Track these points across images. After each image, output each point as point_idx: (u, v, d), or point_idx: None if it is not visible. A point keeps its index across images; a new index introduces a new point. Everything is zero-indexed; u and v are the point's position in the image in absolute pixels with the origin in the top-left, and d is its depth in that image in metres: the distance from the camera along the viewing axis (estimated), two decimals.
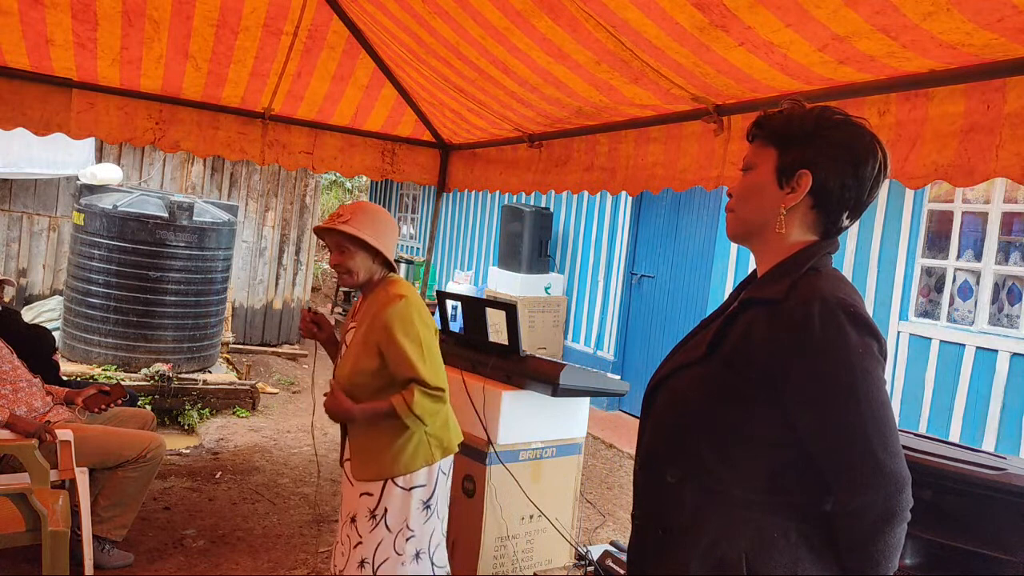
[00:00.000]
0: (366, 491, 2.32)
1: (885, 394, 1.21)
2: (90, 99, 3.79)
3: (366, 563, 2.29)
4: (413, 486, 2.32)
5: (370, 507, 2.30)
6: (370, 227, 2.30)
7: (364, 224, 2.30)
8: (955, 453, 2.23)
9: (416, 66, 3.75)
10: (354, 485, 2.35)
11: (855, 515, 1.20)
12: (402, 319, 2.24)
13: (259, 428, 5.70)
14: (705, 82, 2.55)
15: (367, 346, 2.28)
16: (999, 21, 1.70)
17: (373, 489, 2.31)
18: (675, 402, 1.38)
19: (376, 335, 2.25)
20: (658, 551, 1.36)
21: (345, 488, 2.41)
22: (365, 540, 2.30)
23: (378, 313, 2.26)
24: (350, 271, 2.32)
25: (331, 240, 2.33)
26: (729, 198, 1.42)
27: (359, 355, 2.29)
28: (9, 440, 2.94)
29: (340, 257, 2.31)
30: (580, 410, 3.41)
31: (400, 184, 12.39)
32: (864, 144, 1.29)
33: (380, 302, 2.30)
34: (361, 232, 2.27)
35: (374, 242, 2.29)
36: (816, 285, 1.25)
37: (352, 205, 2.37)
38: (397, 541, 2.30)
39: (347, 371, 2.31)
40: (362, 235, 2.27)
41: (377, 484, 2.30)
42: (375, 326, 2.26)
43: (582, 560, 3.34)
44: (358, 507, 2.32)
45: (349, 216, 2.30)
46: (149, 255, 5.94)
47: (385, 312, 2.25)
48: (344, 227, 2.27)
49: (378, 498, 2.30)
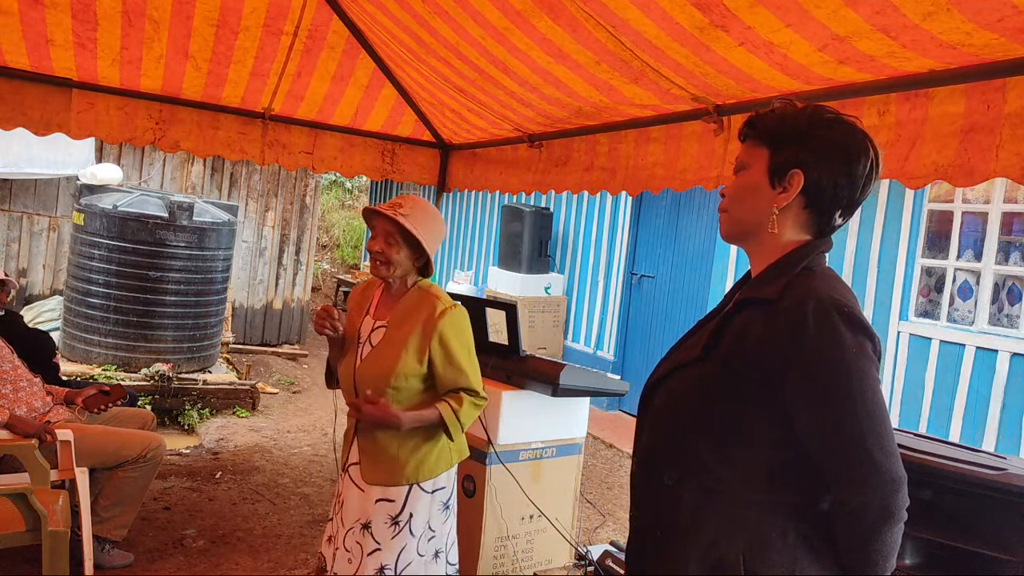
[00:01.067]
0: (385, 497, 2.23)
1: (880, 394, 1.21)
2: (90, 99, 3.79)
3: (387, 568, 2.21)
4: (436, 489, 2.29)
5: (391, 513, 2.22)
6: (425, 227, 2.23)
7: (421, 222, 2.22)
8: (955, 453, 2.23)
9: (416, 66, 3.75)
10: (365, 491, 2.24)
11: (852, 515, 1.20)
12: (459, 328, 2.24)
13: (259, 428, 5.70)
14: (705, 82, 2.55)
15: (414, 349, 2.20)
16: (999, 21, 1.70)
17: (395, 495, 2.23)
18: (672, 403, 1.38)
19: (429, 340, 2.19)
20: (656, 551, 1.36)
21: (351, 493, 2.29)
22: (385, 547, 2.21)
23: (431, 318, 2.20)
24: (390, 262, 2.23)
25: (381, 227, 2.24)
26: (723, 198, 1.42)
27: (401, 357, 2.19)
28: (9, 440, 2.94)
29: (385, 247, 2.22)
30: (580, 410, 3.41)
31: (400, 184, 12.38)
32: (856, 143, 1.29)
33: (427, 306, 2.23)
34: (416, 229, 2.20)
35: (427, 244, 2.22)
36: (810, 285, 1.25)
37: (412, 198, 2.28)
38: (420, 544, 2.26)
39: (384, 371, 2.20)
40: (417, 233, 2.19)
41: (399, 490, 2.22)
42: (427, 331, 2.19)
43: (582, 560, 3.34)
44: (373, 513, 2.23)
45: (409, 209, 2.22)
46: (149, 255, 5.94)
47: (442, 319, 2.20)
48: (402, 219, 2.19)
49: (402, 504, 2.23)
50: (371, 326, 2.32)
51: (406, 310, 2.26)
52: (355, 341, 2.33)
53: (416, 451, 2.23)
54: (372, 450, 2.26)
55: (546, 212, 7.84)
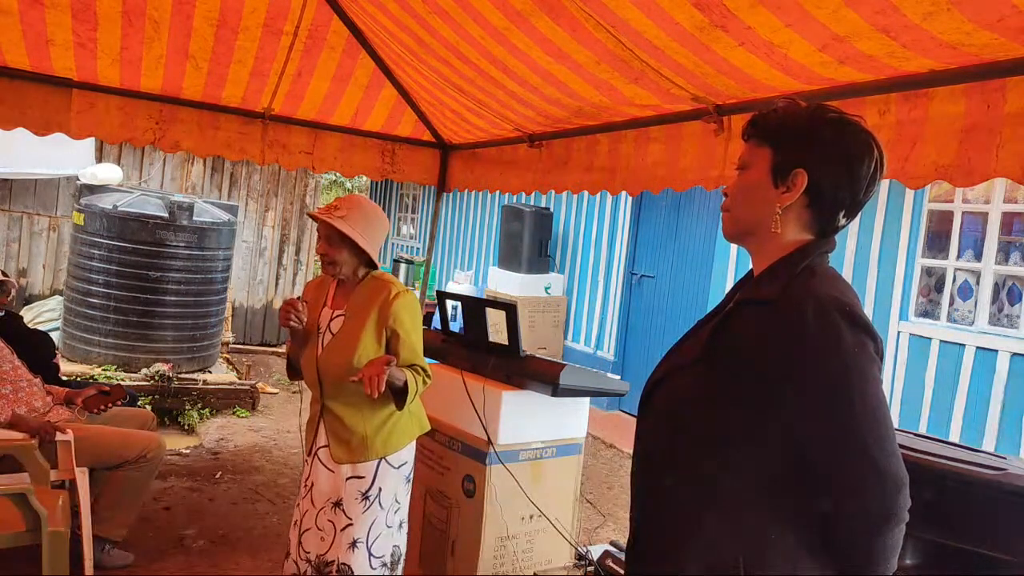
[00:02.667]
0: (355, 474, 2.39)
1: (881, 394, 1.21)
2: (90, 99, 3.79)
3: (359, 542, 2.38)
4: (401, 463, 2.46)
5: (361, 489, 2.39)
6: (362, 225, 2.37)
7: (357, 221, 2.36)
8: (955, 453, 2.23)
9: (416, 66, 3.75)
10: (335, 470, 2.40)
11: (852, 516, 1.19)
12: (412, 310, 2.42)
13: (259, 428, 5.70)
14: (705, 82, 2.55)
15: (372, 331, 2.37)
16: (999, 21, 1.70)
17: (364, 471, 2.39)
18: (671, 404, 1.37)
19: (385, 324, 2.37)
20: (656, 553, 1.35)
21: (320, 474, 2.43)
22: (357, 521, 2.38)
23: (385, 304, 2.37)
24: (335, 263, 2.39)
25: (322, 230, 2.40)
26: (725, 197, 1.42)
27: (361, 342, 2.36)
28: (9, 440, 2.94)
29: (328, 248, 2.39)
30: (580, 410, 3.41)
31: (400, 184, 12.39)
32: (860, 142, 1.29)
33: (381, 293, 2.39)
34: (352, 230, 2.34)
35: (363, 243, 2.36)
36: (811, 285, 1.24)
37: (348, 199, 2.42)
38: (388, 516, 2.45)
39: (347, 356, 2.35)
40: (352, 234, 2.34)
41: (368, 466, 2.39)
42: (383, 316, 2.36)
43: (582, 560, 3.34)
44: (344, 491, 2.39)
45: (345, 211, 2.36)
46: (149, 255, 5.94)
47: (395, 304, 2.37)
48: (337, 222, 2.33)
49: (371, 480, 2.39)
50: (330, 316, 2.47)
51: (362, 298, 2.43)
52: (315, 332, 2.48)
53: (382, 427, 2.41)
54: (339, 431, 2.41)
55: (546, 212, 7.84)
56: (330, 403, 2.44)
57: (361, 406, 2.38)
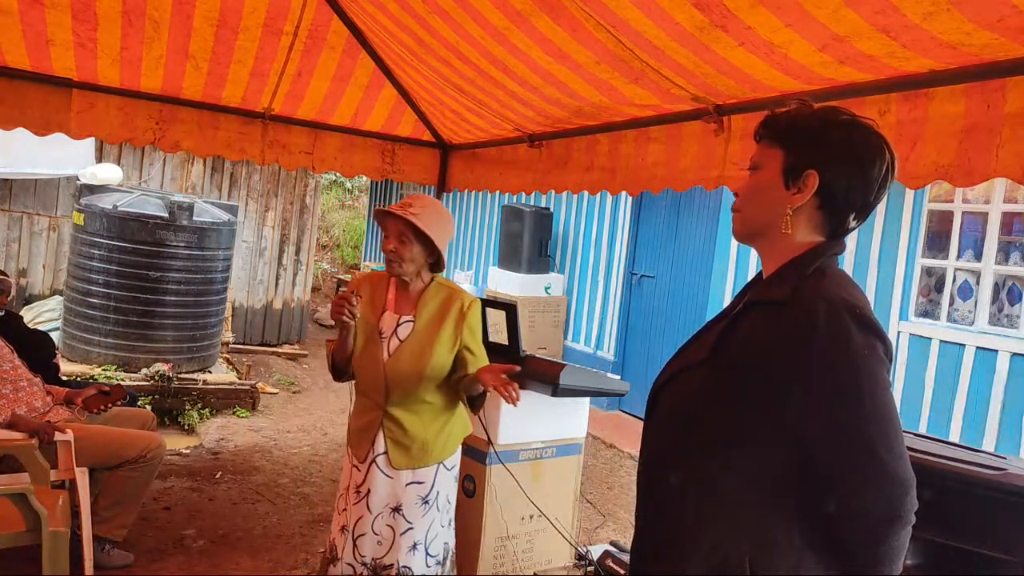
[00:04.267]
0: (415, 480, 2.41)
1: (890, 396, 1.21)
2: (90, 99, 3.79)
3: (418, 545, 2.41)
4: (453, 465, 2.51)
5: (421, 494, 2.41)
6: (436, 224, 2.35)
7: (431, 219, 2.34)
8: (955, 453, 2.23)
9: (416, 66, 3.75)
10: (394, 477, 2.40)
11: (859, 517, 1.19)
12: (479, 319, 2.47)
13: (259, 428, 5.70)
14: (705, 82, 2.55)
15: (446, 341, 2.39)
16: (999, 21, 1.70)
17: (424, 477, 2.41)
18: (679, 404, 1.37)
19: (460, 331, 2.40)
20: (661, 552, 1.35)
21: (379, 481, 2.41)
22: (417, 525, 2.41)
23: (460, 316, 2.40)
24: (403, 260, 2.36)
25: (393, 227, 2.35)
26: (736, 198, 1.42)
27: (435, 353, 2.37)
28: (9, 440, 2.94)
29: (399, 245, 2.34)
30: (580, 410, 3.41)
31: (400, 184, 12.38)
32: (872, 145, 1.29)
33: (454, 303, 2.42)
34: (428, 227, 2.32)
35: (438, 241, 2.35)
36: (821, 286, 1.24)
37: (423, 198, 2.39)
38: (442, 516, 2.49)
39: (421, 366, 2.36)
40: (428, 230, 2.32)
41: (428, 471, 2.42)
42: (458, 328, 2.40)
43: (582, 560, 3.34)
44: (404, 497, 2.40)
45: (419, 209, 2.33)
46: (149, 255, 5.94)
47: (471, 311, 2.42)
48: (413, 218, 2.30)
49: (431, 484, 2.42)
50: (395, 321, 2.43)
51: (432, 305, 2.42)
52: (376, 336, 2.43)
53: (440, 433, 2.44)
54: (400, 438, 2.40)
55: (546, 212, 7.84)
56: (394, 410, 2.40)
57: (422, 413, 2.40)
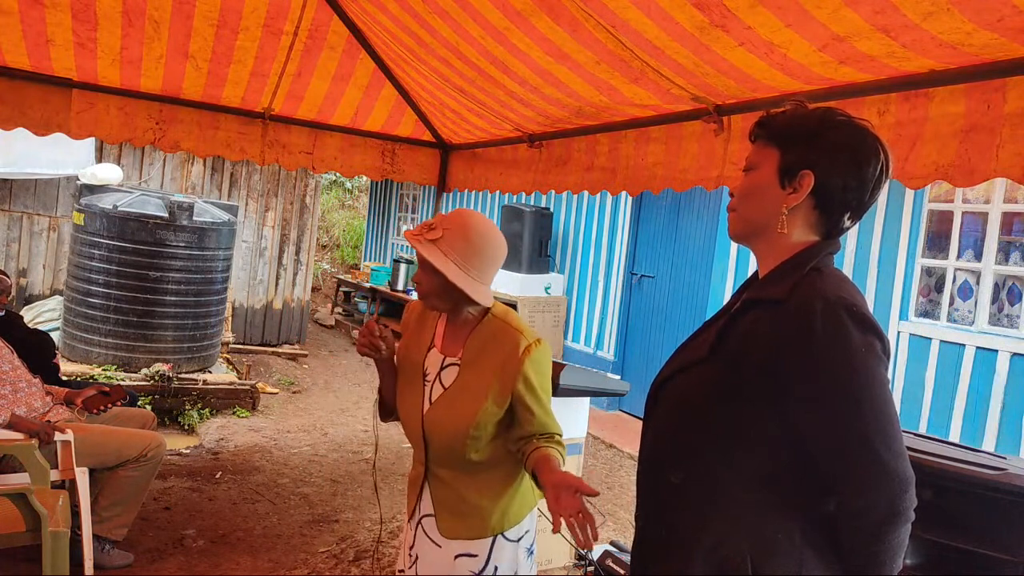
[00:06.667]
0: (466, 552, 1.96)
1: (889, 393, 1.21)
2: (90, 99, 3.79)
3: None
4: (520, 536, 2.02)
5: (474, 569, 1.96)
6: (461, 251, 1.83)
7: (455, 246, 1.83)
8: (955, 453, 2.23)
9: (416, 66, 3.75)
10: (443, 546, 1.97)
11: (859, 515, 1.20)
12: (542, 370, 1.92)
13: (259, 428, 5.70)
14: (705, 82, 2.55)
15: (495, 393, 1.88)
16: (999, 21, 1.70)
17: (476, 549, 1.96)
18: (678, 403, 1.38)
19: (512, 382, 1.87)
20: (662, 552, 1.36)
21: (425, 547, 2.01)
22: None
23: (512, 360, 1.86)
24: (429, 294, 1.89)
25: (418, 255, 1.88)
26: (731, 198, 1.42)
27: (481, 403, 1.87)
28: (9, 440, 2.94)
29: (421, 275, 1.88)
30: (580, 410, 3.40)
31: (400, 184, 12.39)
32: (867, 145, 1.30)
33: (508, 342, 1.89)
34: (443, 259, 1.81)
35: (463, 284, 1.81)
36: (818, 285, 1.25)
37: (452, 216, 1.87)
38: None
39: (464, 420, 1.87)
40: (440, 265, 1.80)
41: (481, 543, 1.96)
42: (510, 371, 1.86)
43: (582, 560, 3.34)
44: (454, 570, 1.97)
45: (440, 232, 1.84)
46: (149, 255, 5.94)
47: (527, 357, 1.87)
48: (424, 248, 1.82)
49: (486, 558, 1.96)
50: (439, 362, 1.97)
51: (482, 346, 1.91)
52: (418, 378, 2.00)
53: (499, 498, 1.96)
54: (450, 500, 1.97)
55: (546, 212, 7.84)
56: (439, 469, 1.97)
57: (477, 473, 1.91)
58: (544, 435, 1.93)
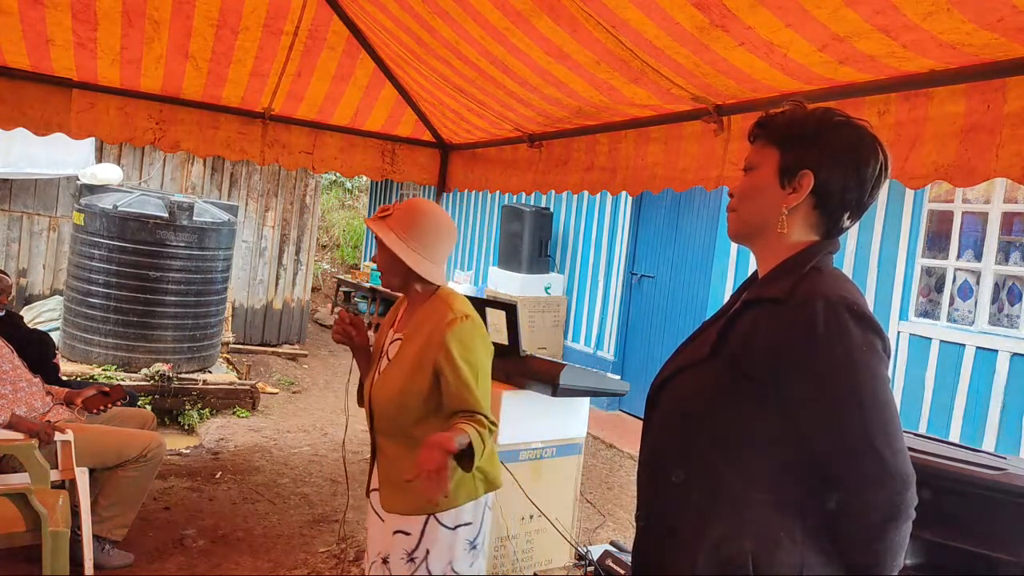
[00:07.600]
0: (401, 529, 2.00)
1: (889, 392, 1.22)
2: (90, 99, 3.79)
3: None
4: (459, 524, 2.00)
5: (407, 548, 1.98)
6: (409, 230, 1.99)
7: (405, 228, 1.99)
8: (955, 453, 2.23)
9: (416, 66, 3.75)
10: (385, 520, 2.04)
11: (860, 513, 1.20)
12: (466, 343, 1.95)
13: (259, 428, 5.70)
14: (705, 82, 2.55)
15: (421, 366, 1.96)
16: (999, 21, 1.70)
17: (410, 527, 1.99)
18: (679, 402, 1.38)
19: (433, 355, 1.94)
20: (663, 551, 1.36)
21: (373, 523, 2.11)
22: None
23: (436, 330, 1.96)
24: (382, 272, 2.06)
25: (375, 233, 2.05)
26: (731, 198, 1.42)
27: (410, 374, 1.97)
28: (9, 440, 2.94)
29: (379, 255, 2.04)
30: (580, 410, 3.41)
31: (400, 184, 12.38)
32: (866, 145, 1.30)
33: (438, 318, 1.98)
34: (389, 235, 1.98)
35: (404, 255, 1.97)
36: (818, 284, 1.25)
37: (407, 203, 2.05)
38: None
39: (394, 391, 1.99)
40: (386, 239, 1.97)
41: (415, 521, 1.98)
42: (431, 344, 1.95)
43: (582, 560, 3.34)
44: (391, 547, 2.00)
45: (391, 211, 2.03)
46: (149, 255, 5.94)
47: (449, 330, 1.94)
48: (372, 223, 2.01)
49: (418, 538, 1.98)
50: (391, 338, 2.11)
51: (421, 321, 2.03)
52: (377, 355, 2.14)
53: None
54: (392, 475, 2.02)
55: (546, 212, 7.84)
56: (383, 442, 2.07)
57: (416, 447, 1.85)
58: (465, 412, 1.92)
